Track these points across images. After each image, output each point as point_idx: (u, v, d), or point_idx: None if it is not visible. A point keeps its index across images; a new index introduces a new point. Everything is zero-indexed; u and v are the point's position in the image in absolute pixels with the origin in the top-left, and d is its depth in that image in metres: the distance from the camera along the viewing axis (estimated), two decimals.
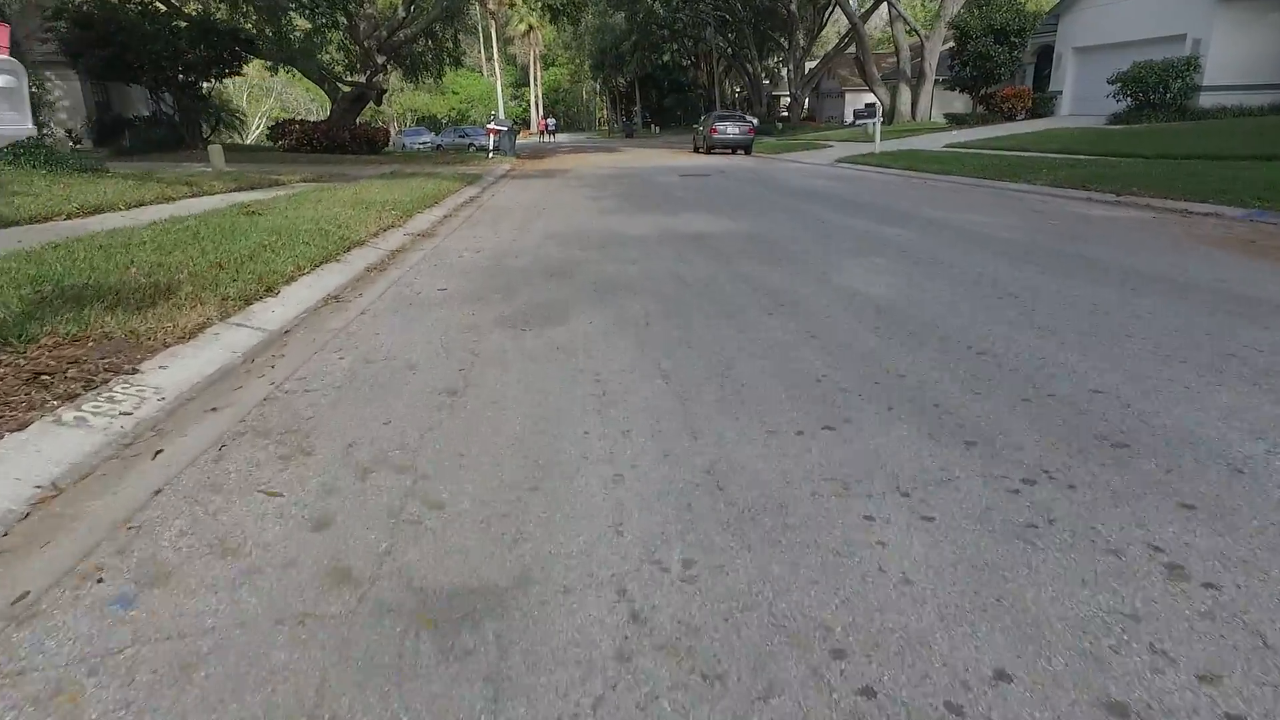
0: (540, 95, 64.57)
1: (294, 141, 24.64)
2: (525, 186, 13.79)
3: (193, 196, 10.04)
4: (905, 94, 33.09)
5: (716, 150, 25.97)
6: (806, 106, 47.07)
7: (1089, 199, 9.75)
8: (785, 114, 48.17)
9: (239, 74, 26.00)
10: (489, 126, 23.28)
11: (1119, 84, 19.62)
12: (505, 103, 69.77)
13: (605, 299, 4.55)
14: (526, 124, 62.72)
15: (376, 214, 8.15)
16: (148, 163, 17.94)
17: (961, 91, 26.25)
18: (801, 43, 44.21)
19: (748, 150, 25.59)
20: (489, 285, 5.07)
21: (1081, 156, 14.34)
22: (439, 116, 62.86)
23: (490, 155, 22.59)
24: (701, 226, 7.61)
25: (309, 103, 49.78)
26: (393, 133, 43.19)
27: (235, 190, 11.11)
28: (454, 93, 66.66)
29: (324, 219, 7.49)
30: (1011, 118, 24.40)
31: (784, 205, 9.54)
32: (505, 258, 6.18)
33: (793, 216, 8.31)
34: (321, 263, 5.64)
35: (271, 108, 49.70)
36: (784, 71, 58.50)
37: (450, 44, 33.93)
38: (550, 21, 34.63)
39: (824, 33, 46.89)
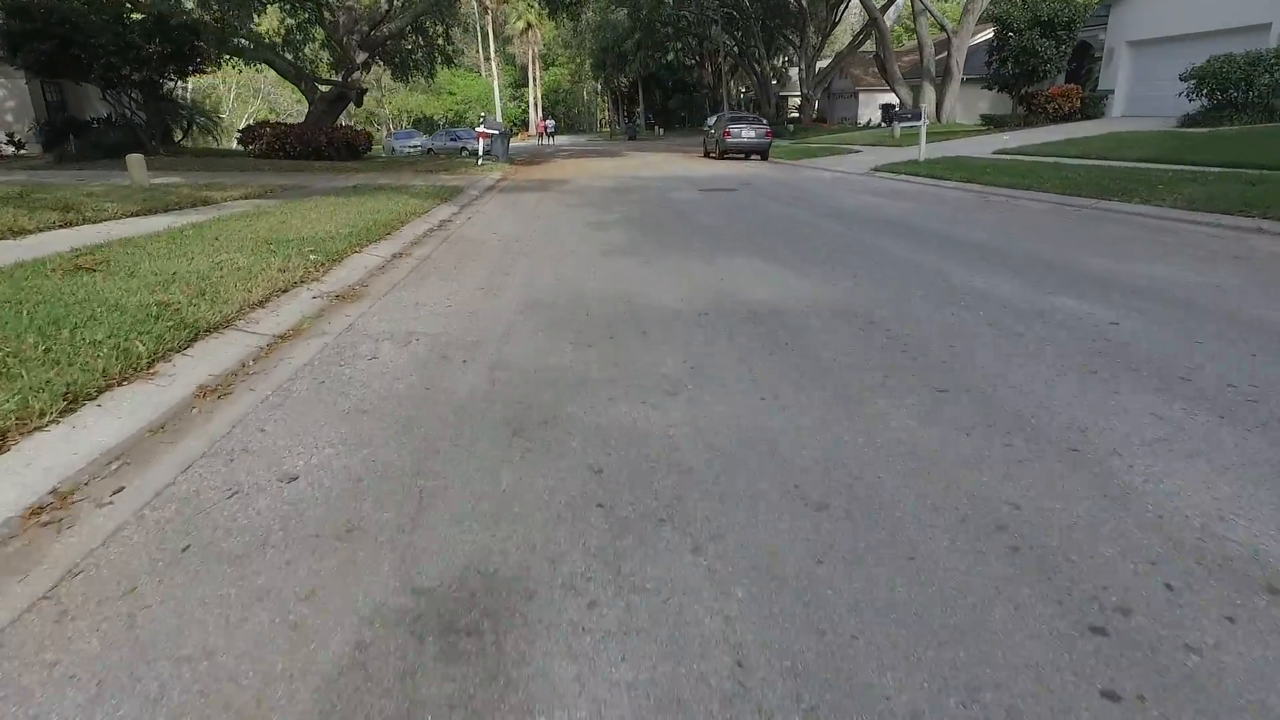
0: (539, 96, 61.87)
1: (265, 146, 22.07)
2: (512, 205, 11.18)
3: (62, 226, 7.44)
4: (929, 94, 30.45)
5: (730, 155, 23.38)
6: (816, 108, 44.37)
7: (1259, 229, 7.16)
8: (796, 115, 45.56)
9: (203, 72, 23.33)
10: (479, 130, 20.65)
11: (1193, 80, 16.96)
12: (504, 104, 67.16)
13: (625, 547, 1.93)
14: (525, 125, 60.06)
15: (285, 261, 5.55)
16: (86, 171, 15.36)
17: (1000, 90, 23.59)
18: (813, 40, 41.56)
19: (764, 155, 22.99)
20: (386, 468, 2.46)
21: (1186, 167, 11.71)
22: (435, 118, 60.26)
23: (480, 162, 19.98)
24: (764, 289, 4.99)
25: (294, 104, 47.07)
26: (384, 135, 40.60)
27: (135, 215, 8.52)
28: (450, 93, 64.13)
29: (190, 277, 4.89)
30: (1057, 119, 21.75)
31: (860, 242, 6.92)
32: (446, 363, 3.58)
33: (889, 266, 5.69)
34: (103, 390, 3.05)
35: (258, 109, 47.09)
36: (791, 71, 55.83)
37: (441, 40, 31.41)
38: (549, 16, 32.05)
39: (834, 30, 44.16)
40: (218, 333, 4.01)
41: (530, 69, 59.81)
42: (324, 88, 24.76)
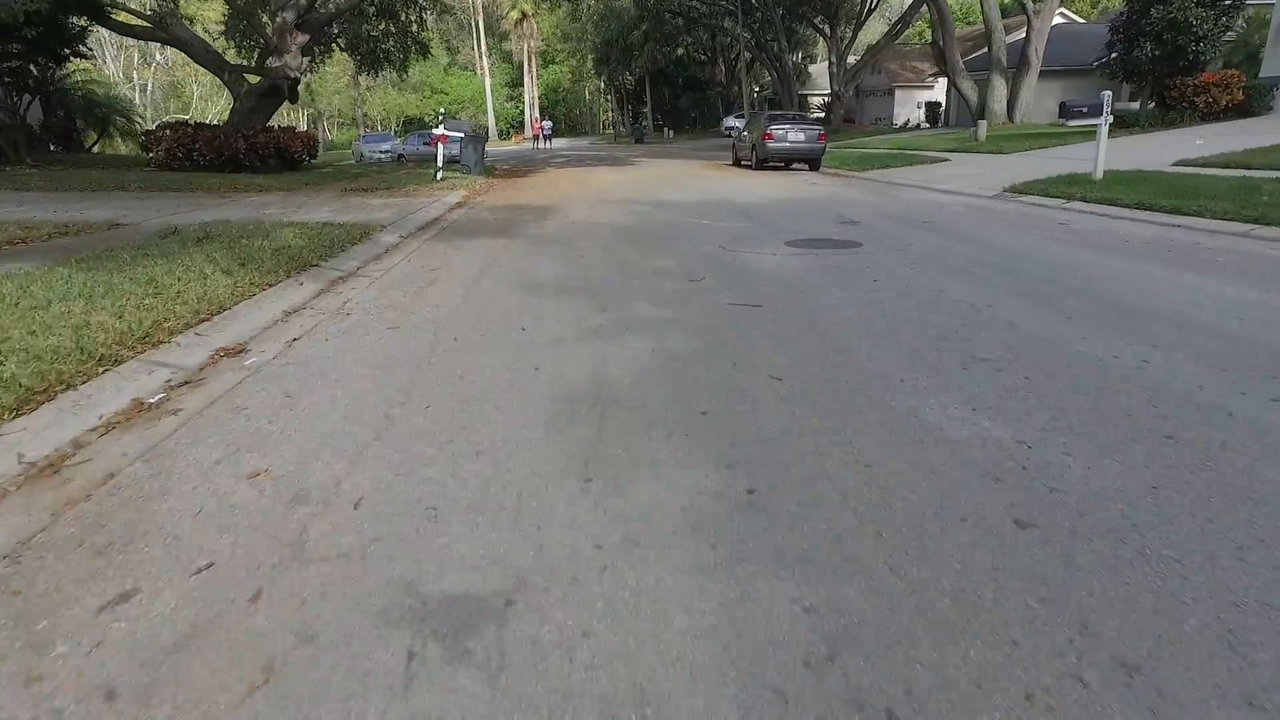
0: (537, 95, 56.11)
1: (164, 154, 16.51)
2: (426, 284, 5.53)
3: None
4: (1000, 88, 24.82)
5: (771, 164, 17.77)
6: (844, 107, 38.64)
7: None
8: (822, 115, 39.86)
9: (83, 56, 17.75)
10: (436, 132, 15.02)
11: None
12: (501, 104, 61.50)
13: None
14: (520, 128, 54.30)
15: None
16: None
17: (1125, 80, 17.90)
18: (844, 30, 35.94)
19: (815, 165, 17.42)
20: None
21: None
22: (427, 119, 54.62)
23: (439, 175, 14.38)
24: None
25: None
26: (355, 139, 35.00)
27: None
28: (443, 93, 58.60)
29: None
30: (1208, 116, 16.10)
31: None
32: None
33: None
34: None
35: (224, 108, 41.46)
36: (812, 68, 50.06)
37: (415, 27, 25.88)
38: None
39: (868, 18, 38.34)
40: None
41: (526, 64, 53.92)
42: (251, 79, 19.18)
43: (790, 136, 17.10)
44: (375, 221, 8.59)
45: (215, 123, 20.94)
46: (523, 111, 57.05)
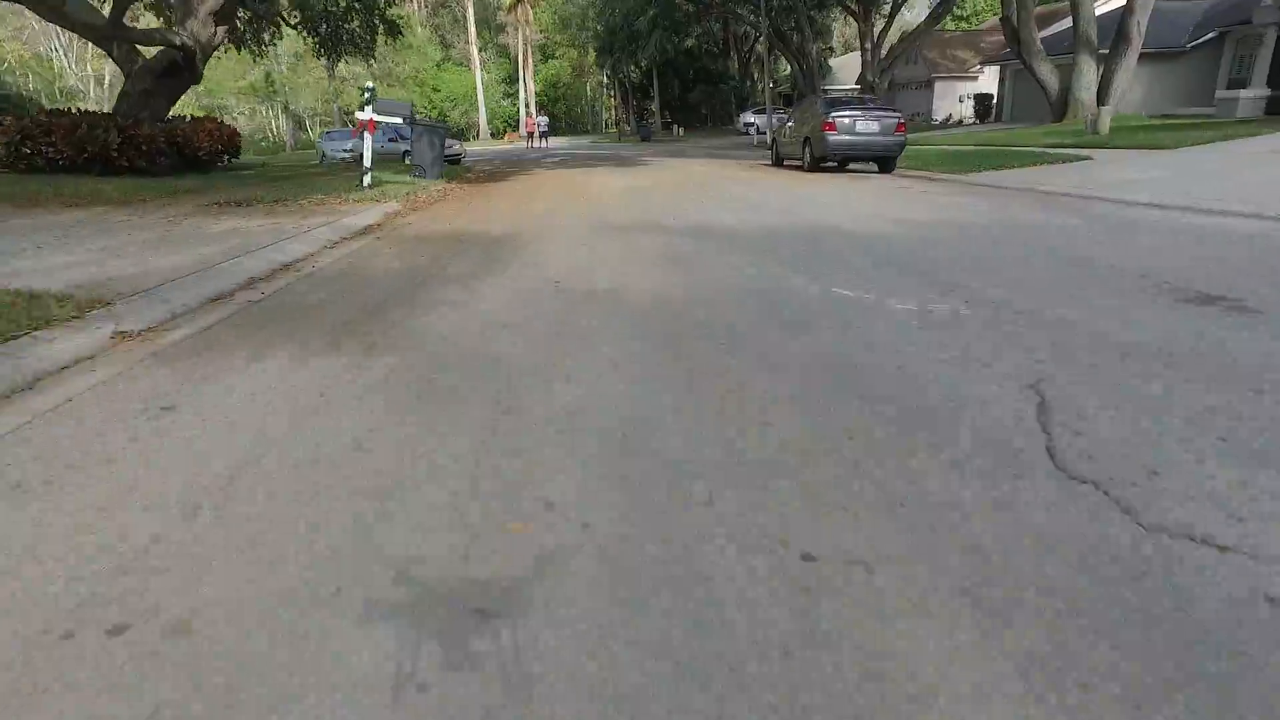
0: (533, 89, 51.24)
1: (3, 151, 11.93)
2: None
3: None
4: (1088, 71, 20.09)
5: (828, 164, 13.10)
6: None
7: None
8: None
9: None
10: (362, 117, 10.24)
11: None
12: (497, 100, 56.75)
13: None
14: (516, 126, 49.46)
15: None
16: None
17: None
18: (875, 16, 31.18)
19: (887, 165, 12.75)
20: None
21: None
22: (417, 116, 49.84)
23: (367, 182, 9.69)
24: None
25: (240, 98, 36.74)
26: (321, 135, 30.18)
27: None
28: (435, 89, 53.90)
29: None
30: None
31: None
32: None
33: None
34: None
35: (189, 104, 36.78)
36: (832, 62, 45.31)
37: (383, 3, 21.28)
38: None
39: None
40: None
41: (522, 56, 48.96)
42: (147, 54, 14.52)
43: (860, 127, 12.39)
44: (123, 283, 3.92)
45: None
46: (519, 109, 52.29)
